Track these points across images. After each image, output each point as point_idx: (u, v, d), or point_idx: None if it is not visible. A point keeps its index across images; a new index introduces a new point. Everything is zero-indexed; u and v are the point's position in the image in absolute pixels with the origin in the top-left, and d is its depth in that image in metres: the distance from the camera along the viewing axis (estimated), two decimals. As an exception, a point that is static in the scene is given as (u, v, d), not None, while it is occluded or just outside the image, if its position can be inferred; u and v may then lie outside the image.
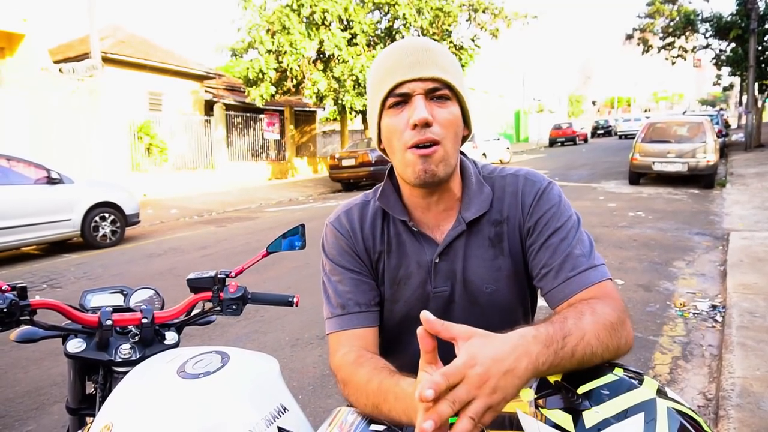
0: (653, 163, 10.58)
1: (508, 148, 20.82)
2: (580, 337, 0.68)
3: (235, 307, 1.19)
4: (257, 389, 0.93)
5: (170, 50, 16.45)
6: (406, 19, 15.46)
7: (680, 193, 9.73)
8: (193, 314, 1.24)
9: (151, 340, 1.14)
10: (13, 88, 10.71)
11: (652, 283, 4.43)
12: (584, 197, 9.58)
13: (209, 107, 16.21)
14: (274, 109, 17.74)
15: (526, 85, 37.92)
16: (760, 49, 18.34)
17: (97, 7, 11.60)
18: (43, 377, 3.18)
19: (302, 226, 1.30)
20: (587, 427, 0.59)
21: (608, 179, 12.32)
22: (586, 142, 32.65)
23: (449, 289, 0.96)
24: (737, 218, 6.92)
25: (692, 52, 22.26)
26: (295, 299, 1.24)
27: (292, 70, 14.97)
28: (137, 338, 1.13)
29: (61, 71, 11.36)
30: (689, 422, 0.59)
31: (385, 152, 0.95)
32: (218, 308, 1.20)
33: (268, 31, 14.87)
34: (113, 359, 1.10)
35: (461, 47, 17.46)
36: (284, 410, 0.90)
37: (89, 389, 1.23)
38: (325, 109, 19.95)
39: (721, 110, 33.77)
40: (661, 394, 0.62)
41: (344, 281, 0.97)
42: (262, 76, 14.78)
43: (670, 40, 21.70)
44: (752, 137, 17.71)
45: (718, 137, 11.44)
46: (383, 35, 16.57)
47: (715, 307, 3.78)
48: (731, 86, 29.65)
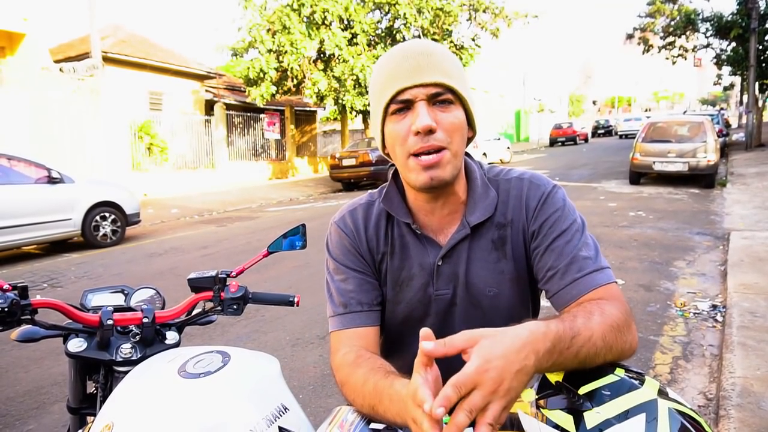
0: (654, 162, 10.57)
1: (508, 147, 20.82)
2: (587, 337, 0.68)
3: (235, 306, 1.19)
4: (258, 389, 0.93)
5: (171, 50, 16.46)
6: (406, 18, 15.46)
7: (681, 192, 9.72)
8: (193, 314, 1.24)
9: (151, 339, 1.14)
10: (13, 87, 10.72)
11: (652, 282, 4.43)
12: (585, 197, 9.58)
13: (210, 107, 16.21)
14: (274, 108, 17.75)
15: (526, 84, 37.90)
16: (760, 48, 18.32)
17: (97, 6, 11.61)
18: (43, 376, 3.18)
19: (303, 225, 1.30)
20: (588, 427, 0.59)
21: (609, 179, 12.31)
22: (586, 141, 32.63)
23: (451, 292, 0.96)
24: (738, 218, 6.92)
25: (693, 51, 22.25)
26: (295, 299, 1.24)
27: (292, 69, 14.98)
28: (138, 338, 1.13)
29: (61, 71, 11.36)
30: (690, 423, 0.59)
31: (389, 156, 0.94)
32: (219, 308, 1.20)
33: (268, 30, 14.88)
34: (114, 359, 1.10)
35: (462, 47, 17.46)
36: (285, 410, 0.90)
37: (90, 389, 1.23)
38: (325, 108, 19.95)
39: (721, 110, 33.76)
40: (662, 394, 0.62)
41: (347, 280, 0.97)
42: (262, 75, 14.79)
43: (670, 39, 21.69)
44: (753, 137, 17.70)
45: (718, 137, 11.43)
46: (384, 35, 16.58)
47: (715, 306, 3.77)
48: (732, 86, 29.64)
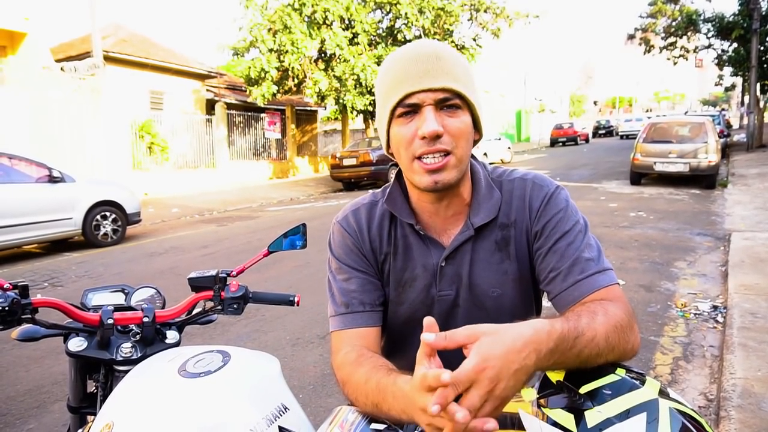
0: (655, 163, 10.56)
1: (509, 147, 20.82)
2: (590, 337, 0.68)
3: (236, 306, 1.19)
4: (258, 388, 0.93)
5: (172, 49, 16.47)
6: (407, 18, 15.45)
7: (682, 193, 9.71)
8: (194, 313, 1.24)
9: (152, 339, 1.14)
10: (14, 86, 10.73)
11: (653, 283, 4.42)
12: (586, 197, 9.57)
13: (211, 106, 16.22)
14: (275, 108, 17.75)
15: (527, 84, 37.87)
16: (762, 49, 18.31)
17: (98, 6, 11.61)
18: (44, 376, 3.18)
19: (303, 225, 1.30)
20: (589, 426, 0.59)
21: (609, 179, 12.31)
22: (587, 142, 32.60)
23: (454, 293, 0.96)
24: (739, 219, 6.91)
25: (694, 52, 22.24)
26: (295, 298, 1.24)
27: (293, 69, 14.98)
28: (138, 337, 1.13)
29: (62, 70, 11.37)
30: (691, 423, 0.59)
31: (393, 156, 0.94)
32: (219, 307, 1.20)
33: (269, 30, 14.88)
34: (114, 358, 1.10)
35: (463, 47, 17.45)
36: (285, 409, 0.90)
37: (90, 388, 1.23)
38: (326, 108, 19.95)
39: (722, 110, 33.75)
40: (663, 394, 0.62)
41: (350, 280, 0.97)
42: (263, 75, 14.79)
43: (672, 40, 21.68)
44: (754, 138, 17.69)
45: (719, 137, 11.42)
46: (385, 35, 16.58)
47: (716, 307, 3.77)
48: (733, 86, 29.60)
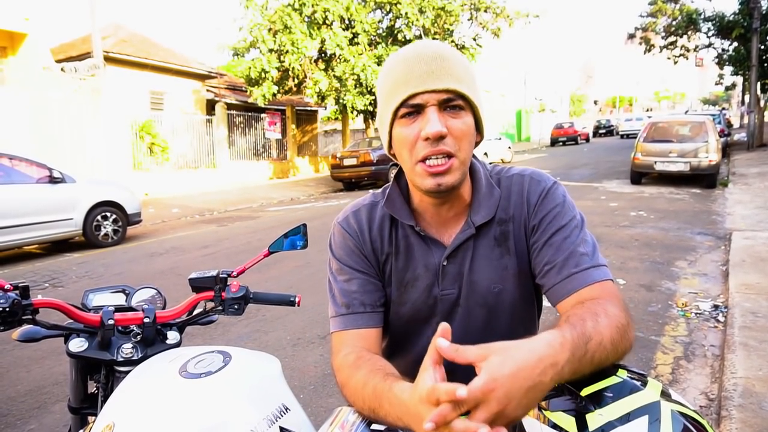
0: (655, 162, 10.56)
1: (509, 147, 20.80)
2: (599, 341, 0.67)
3: (236, 306, 1.19)
4: (259, 389, 0.93)
5: (172, 49, 16.48)
6: (408, 18, 15.45)
7: (682, 192, 9.71)
8: (194, 314, 1.24)
9: (152, 339, 1.14)
10: (15, 87, 10.74)
11: (653, 282, 4.42)
12: (586, 197, 9.57)
13: (211, 106, 16.22)
14: (275, 108, 17.75)
15: (527, 84, 37.86)
16: (762, 48, 18.30)
17: (98, 6, 11.61)
18: (45, 376, 3.18)
19: (304, 225, 1.30)
20: (591, 430, 0.59)
21: (610, 179, 12.30)
22: (587, 141, 32.59)
23: (456, 291, 0.96)
24: (739, 218, 6.91)
25: (694, 51, 22.21)
26: (296, 299, 1.24)
27: (293, 69, 14.98)
28: (139, 338, 1.13)
29: (63, 70, 11.37)
30: (693, 424, 0.59)
31: (395, 157, 0.94)
32: (220, 308, 1.20)
33: (269, 30, 14.88)
34: (115, 359, 1.10)
35: (463, 46, 17.45)
36: (286, 410, 0.90)
37: (91, 388, 1.23)
38: (326, 108, 19.96)
39: (723, 110, 33.72)
40: (665, 396, 0.62)
41: (350, 281, 0.97)
42: (263, 75, 14.79)
43: (672, 39, 21.66)
44: (755, 137, 17.68)
45: (720, 137, 11.41)
46: (385, 34, 16.57)
47: (717, 307, 3.77)
48: (733, 86, 29.56)
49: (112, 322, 1.10)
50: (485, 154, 17.45)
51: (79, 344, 1.11)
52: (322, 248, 1.03)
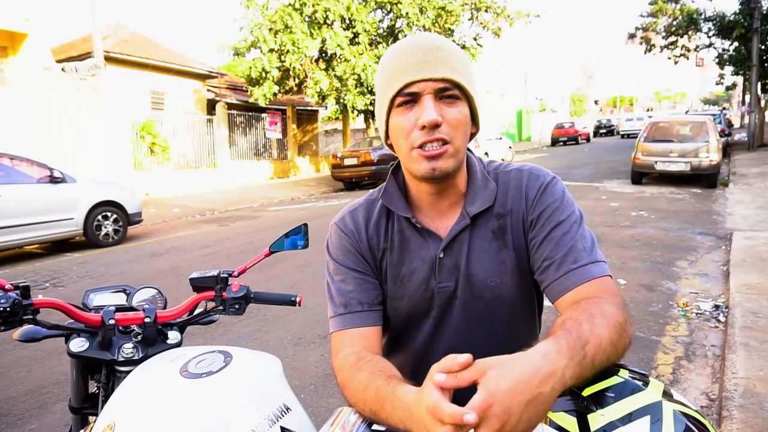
0: (656, 162, 10.55)
1: (510, 147, 20.78)
2: (597, 343, 0.66)
3: (237, 306, 1.19)
4: (260, 389, 0.93)
5: (173, 49, 16.49)
6: (408, 18, 15.45)
7: (683, 192, 9.70)
8: (195, 313, 1.24)
9: (153, 339, 1.14)
10: (15, 87, 10.75)
11: (654, 282, 4.42)
12: (587, 197, 9.57)
13: (211, 106, 16.23)
14: (276, 108, 17.75)
15: (528, 84, 37.85)
16: (763, 48, 18.29)
17: (99, 6, 11.62)
18: (45, 376, 3.18)
19: (305, 225, 1.30)
20: (592, 430, 0.59)
21: (611, 179, 12.30)
22: (588, 141, 32.57)
23: (453, 284, 0.96)
24: (740, 218, 6.90)
25: (695, 51, 22.20)
26: (297, 299, 1.23)
27: (294, 69, 14.98)
28: (140, 337, 1.13)
29: (63, 70, 11.38)
30: (695, 424, 0.59)
31: (392, 147, 0.94)
32: (221, 307, 1.20)
33: (270, 30, 14.88)
34: (116, 358, 1.10)
35: (463, 46, 17.43)
36: (287, 410, 0.90)
37: (92, 388, 1.23)
38: (327, 108, 19.96)
39: (723, 109, 33.68)
40: (666, 396, 0.62)
41: (347, 280, 0.97)
42: (264, 75, 14.79)
43: (672, 39, 21.65)
44: (755, 137, 17.67)
45: (720, 137, 11.40)
46: (385, 34, 16.57)
47: (718, 307, 3.77)
48: (734, 85, 29.50)
49: (112, 321, 1.09)
50: (486, 153, 17.43)
51: (79, 344, 1.11)
52: (322, 248, 1.03)
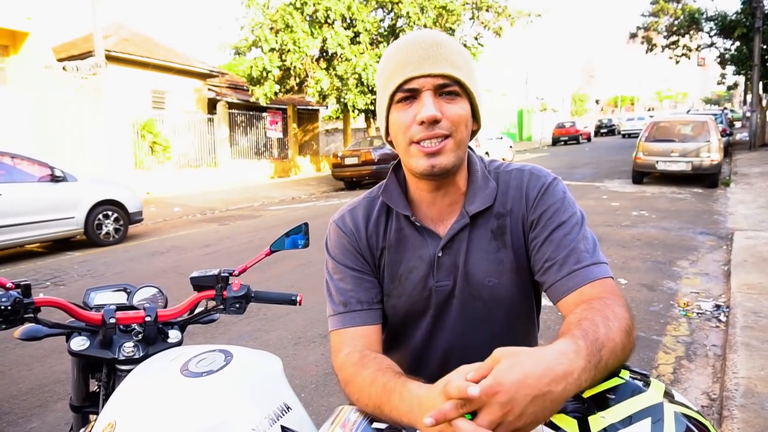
0: (657, 162, 10.54)
1: (511, 146, 20.77)
2: (612, 348, 0.66)
3: (238, 305, 1.19)
4: (260, 388, 0.93)
5: (173, 48, 16.48)
6: (409, 17, 15.44)
7: (684, 192, 9.69)
8: (196, 312, 1.24)
9: (154, 338, 1.14)
10: (17, 86, 10.75)
11: (655, 282, 4.41)
12: (588, 196, 9.56)
13: (212, 105, 16.23)
14: (277, 107, 17.75)
15: (529, 83, 37.83)
16: (765, 47, 18.26)
17: (100, 5, 11.61)
18: (46, 375, 3.19)
19: (305, 224, 1.30)
20: (593, 432, 0.58)
21: (612, 178, 12.29)
22: (589, 141, 32.55)
23: (451, 283, 0.96)
24: (741, 217, 6.89)
25: (696, 50, 22.18)
26: (298, 298, 1.24)
27: (295, 68, 14.98)
28: (140, 336, 1.13)
29: (64, 69, 11.39)
30: (696, 426, 0.59)
31: (392, 144, 0.94)
32: (221, 307, 1.20)
33: (271, 29, 14.88)
34: (116, 357, 1.10)
35: (464, 45, 17.42)
36: (287, 409, 0.90)
37: (93, 387, 1.23)
38: (327, 107, 19.95)
39: (725, 109, 33.62)
40: (668, 396, 0.61)
41: (346, 279, 0.97)
42: (265, 74, 14.79)
43: (674, 38, 21.64)
44: (756, 136, 17.64)
45: (722, 136, 11.39)
46: (386, 33, 16.57)
47: (719, 306, 3.76)
48: (735, 85, 29.46)
49: (113, 320, 1.10)
50: (486, 153, 17.42)
51: (80, 343, 1.11)
52: (323, 247, 1.03)
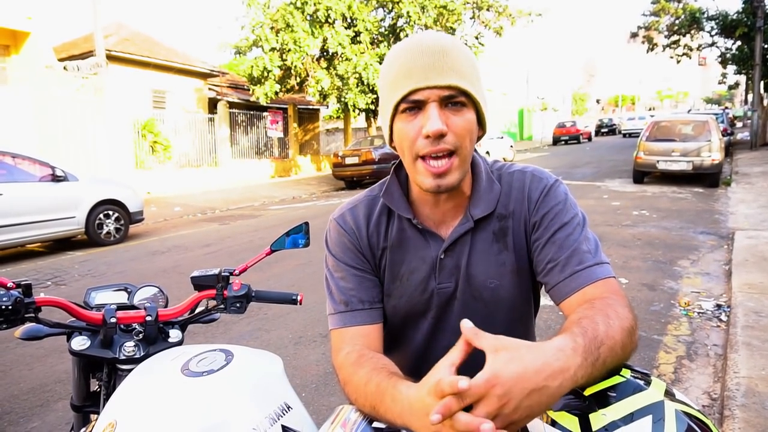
0: (658, 161, 10.53)
1: (511, 146, 20.77)
2: (611, 346, 0.66)
3: (238, 305, 1.19)
4: (261, 387, 0.93)
5: (174, 48, 16.50)
6: (410, 17, 15.43)
7: (685, 191, 9.69)
8: (196, 312, 1.24)
9: (155, 337, 1.14)
10: (18, 85, 10.75)
11: (656, 282, 4.41)
12: (588, 196, 9.56)
13: (213, 105, 16.24)
14: (277, 107, 17.75)
15: (530, 83, 37.79)
16: (766, 47, 18.23)
17: (101, 5, 11.61)
18: (47, 374, 3.19)
19: (306, 224, 1.30)
20: (594, 429, 0.59)
21: (612, 178, 12.28)
22: (590, 140, 32.55)
23: (453, 285, 0.96)
24: (742, 217, 6.89)
25: (697, 50, 22.15)
26: (298, 297, 1.24)
27: (295, 67, 14.98)
28: (141, 336, 1.13)
29: (65, 69, 11.39)
30: (697, 424, 0.59)
31: (396, 149, 0.93)
32: (222, 306, 1.20)
33: (272, 28, 14.88)
34: (117, 357, 1.10)
35: (465, 45, 17.42)
36: (288, 408, 0.90)
37: (93, 387, 1.24)
38: (328, 107, 19.96)
39: (726, 109, 33.60)
40: (669, 395, 0.61)
41: (347, 278, 0.96)
42: (266, 74, 14.79)
43: (675, 38, 21.60)
44: (758, 136, 17.63)
45: (723, 136, 11.38)
46: (387, 33, 16.56)
47: (719, 306, 3.76)
48: (737, 84, 29.45)
49: (114, 320, 1.10)
50: (487, 152, 17.43)
51: (81, 342, 1.11)
52: (323, 246, 1.02)
